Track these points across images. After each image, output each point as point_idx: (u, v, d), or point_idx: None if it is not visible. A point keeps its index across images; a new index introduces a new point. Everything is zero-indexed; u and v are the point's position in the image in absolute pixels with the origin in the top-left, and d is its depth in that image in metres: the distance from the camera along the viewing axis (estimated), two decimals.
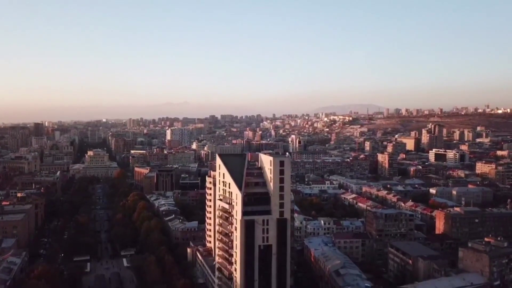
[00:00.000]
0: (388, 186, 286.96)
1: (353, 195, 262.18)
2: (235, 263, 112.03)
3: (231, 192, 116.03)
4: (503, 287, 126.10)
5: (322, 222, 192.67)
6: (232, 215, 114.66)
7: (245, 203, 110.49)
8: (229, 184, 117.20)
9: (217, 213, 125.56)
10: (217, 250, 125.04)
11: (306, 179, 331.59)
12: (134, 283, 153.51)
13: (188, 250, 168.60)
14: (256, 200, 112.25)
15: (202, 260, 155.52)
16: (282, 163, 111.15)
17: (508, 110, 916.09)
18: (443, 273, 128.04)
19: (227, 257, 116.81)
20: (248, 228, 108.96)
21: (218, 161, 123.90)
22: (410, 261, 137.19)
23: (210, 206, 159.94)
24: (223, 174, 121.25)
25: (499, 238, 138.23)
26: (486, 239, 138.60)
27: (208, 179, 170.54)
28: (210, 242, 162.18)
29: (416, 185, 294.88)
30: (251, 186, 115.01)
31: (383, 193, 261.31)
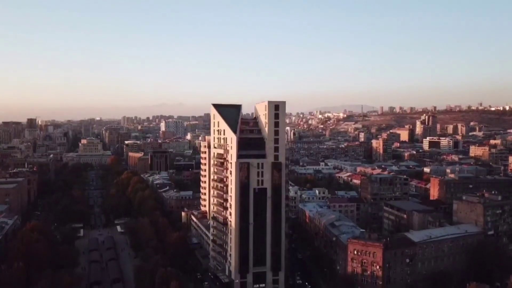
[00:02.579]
0: (383, 166, 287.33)
1: (348, 173, 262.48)
2: (230, 207, 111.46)
3: (226, 138, 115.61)
4: (497, 237, 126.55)
5: (317, 191, 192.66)
6: (227, 160, 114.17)
7: (240, 147, 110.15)
8: (224, 130, 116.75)
9: (212, 161, 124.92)
10: (211, 199, 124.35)
11: (300, 163, 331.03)
12: (128, 245, 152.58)
13: (183, 214, 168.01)
14: (251, 145, 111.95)
15: (197, 222, 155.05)
16: (277, 107, 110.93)
17: (501, 108, 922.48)
18: (437, 224, 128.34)
19: (222, 202, 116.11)
20: (243, 171, 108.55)
21: (213, 111, 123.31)
22: (405, 216, 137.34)
23: (205, 170, 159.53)
24: (218, 122, 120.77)
25: (493, 192, 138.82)
26: (480, 193, 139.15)
27: (202, 143, 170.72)
28: (205, 206, 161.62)
29: (411, 166, 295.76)
30: (246, 133, 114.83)
31: (377, 171, 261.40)
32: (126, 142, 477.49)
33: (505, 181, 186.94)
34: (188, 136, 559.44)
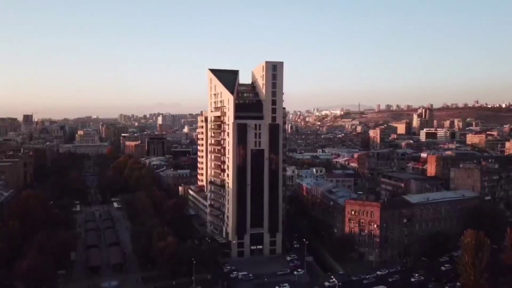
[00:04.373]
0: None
1: (345, 158, 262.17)
2: (228, 169, 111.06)
3: (223, 100, 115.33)
4: (494, 202, 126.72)
5: (314, 170, 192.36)
6: (224, 122, 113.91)
7: (237, 109, 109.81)
8: (221, 93, 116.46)
9: (209, 125, 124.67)
10: (209, 163, 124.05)
11: (298, 151, 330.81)
12: (125, 218, 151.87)
13: (180, 188, 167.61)
14: (248, 107, 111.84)
15: (194, 194, 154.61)
16: (274, 68, 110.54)
17: (497, 105, 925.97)
18: (435, 190, 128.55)
19: (219, 164, 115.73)
20: (240, 132, 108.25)
21: (210, 75, 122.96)
22: (402, 184, 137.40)
23: (202, 145, 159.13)
24: (215, 86, 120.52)
25: (490, 160, 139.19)
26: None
27: (199, 118, 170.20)
28: (202, 181, 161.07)
29: (408, 152, 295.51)
30: (243, 96, 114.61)
31: None
32: (123, 134, 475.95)
33: (501, 158, 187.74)
34: (185, 129, 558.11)
